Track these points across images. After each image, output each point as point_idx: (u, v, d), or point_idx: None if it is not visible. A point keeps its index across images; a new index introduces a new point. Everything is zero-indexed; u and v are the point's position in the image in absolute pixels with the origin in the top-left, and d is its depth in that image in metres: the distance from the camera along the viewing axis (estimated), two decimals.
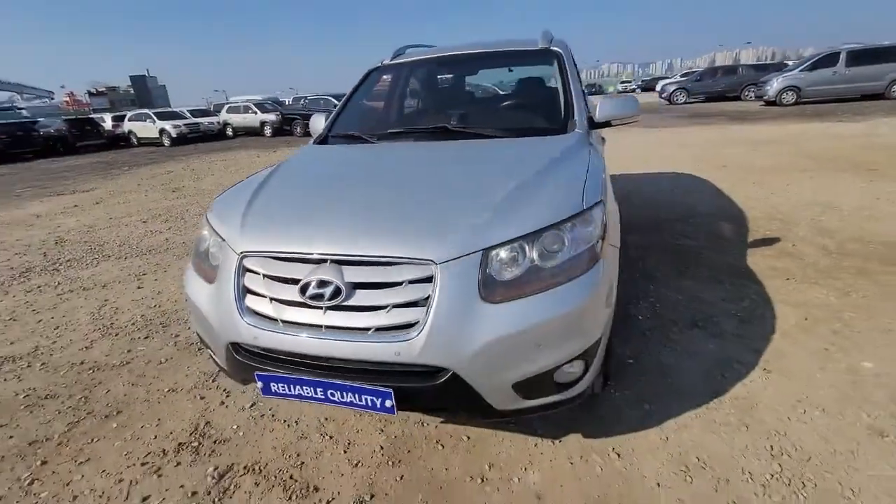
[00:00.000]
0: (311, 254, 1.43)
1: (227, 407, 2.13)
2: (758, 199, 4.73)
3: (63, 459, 1.87)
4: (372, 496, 1.60)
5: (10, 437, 2.02)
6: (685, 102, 20.46)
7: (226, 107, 20.83)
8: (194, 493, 1.66)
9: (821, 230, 3.73)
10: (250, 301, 1.50)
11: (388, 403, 1.35)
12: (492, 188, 1.61)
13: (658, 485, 1.55)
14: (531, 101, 2.66)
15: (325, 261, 1.42)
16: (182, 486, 1.69)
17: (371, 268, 1.39)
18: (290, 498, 1.61)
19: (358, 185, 1.89)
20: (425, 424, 1.92)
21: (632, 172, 6.53)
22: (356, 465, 1.74)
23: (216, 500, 1.63)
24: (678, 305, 2.72)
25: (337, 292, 1.36)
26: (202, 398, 2.20)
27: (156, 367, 2.50)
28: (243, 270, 1.53)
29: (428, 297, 1.32)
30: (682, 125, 12.30)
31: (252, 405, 2.12)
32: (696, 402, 1.92)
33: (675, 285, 2.97)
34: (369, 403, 1.37)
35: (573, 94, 2.34)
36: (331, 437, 1.89)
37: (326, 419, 1.99)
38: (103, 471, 1.80)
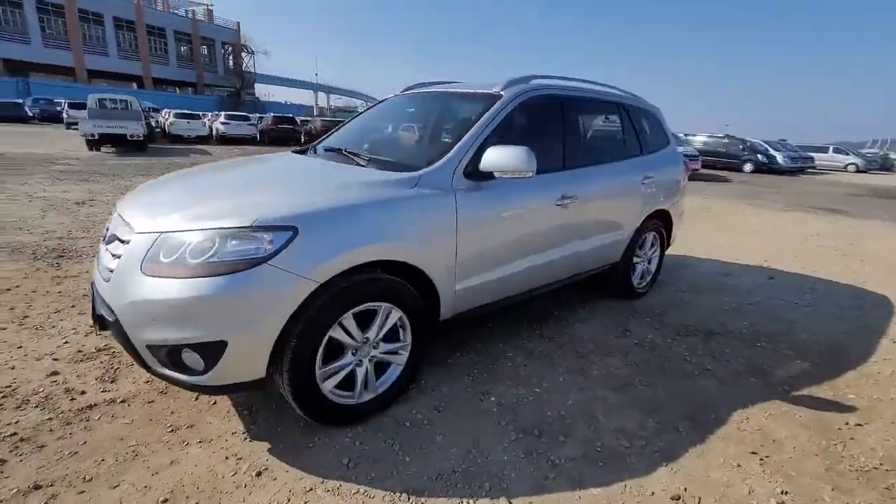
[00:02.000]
0: (121, 216, 2.05)
1: None
2: None
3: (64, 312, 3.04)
4: (123, 401, 2.12)
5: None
6: None
7: None
8: (79, 351, 2.51)
9: None
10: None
11: (97, 326, 1.86)
12: (252, 195, 1.99)
13: None
14: (426, 140, 2.63)
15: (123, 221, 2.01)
16: (80, 350, 2.56)
17: (128, 230, 1.90)
18: (102, 380, 2.28)
19: (219, 179, 2.44)
20: None
21: (770, 267, 4.79)
22: (147, 381, 2.28)
23: (80, 359, 2.43)
24: (561, 410, 2.20)
25: (111, 240, 1.94)
26: None
27: None
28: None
29: None
30: None
31: None
32: (387, 486, 1.70)
33: (599, 394, 2.35)
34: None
35: (464, 139, 2.26)
36: None
37: None
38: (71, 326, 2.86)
